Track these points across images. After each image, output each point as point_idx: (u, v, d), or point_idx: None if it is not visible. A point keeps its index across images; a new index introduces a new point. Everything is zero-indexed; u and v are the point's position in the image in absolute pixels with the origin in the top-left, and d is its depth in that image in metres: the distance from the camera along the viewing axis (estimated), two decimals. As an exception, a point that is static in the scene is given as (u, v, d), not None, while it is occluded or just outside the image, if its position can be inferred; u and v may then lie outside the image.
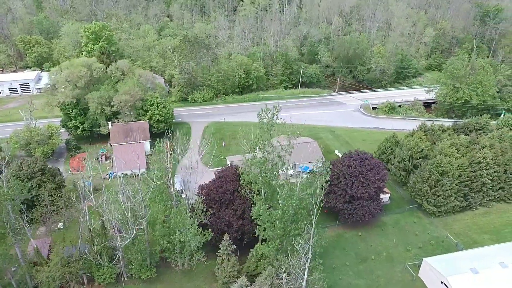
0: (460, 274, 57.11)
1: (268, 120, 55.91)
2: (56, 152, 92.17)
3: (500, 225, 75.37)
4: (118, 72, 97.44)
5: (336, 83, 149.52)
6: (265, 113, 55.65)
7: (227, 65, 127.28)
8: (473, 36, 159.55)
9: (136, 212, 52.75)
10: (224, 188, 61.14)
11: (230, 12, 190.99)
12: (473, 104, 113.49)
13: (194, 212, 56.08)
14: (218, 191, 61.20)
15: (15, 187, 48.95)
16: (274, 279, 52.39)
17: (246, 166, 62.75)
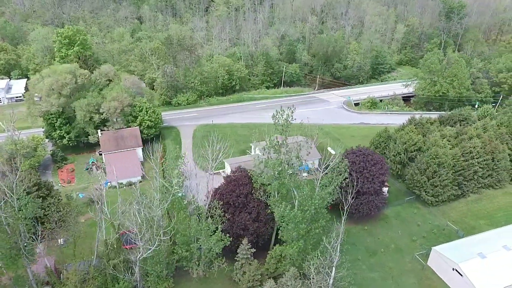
0: (470, 260, 59.72)
1: (283, 121, 55.60)
2: (41, 164, 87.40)
3: (492, 210, 79.53)
4: (103, 78, 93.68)
5: (315, 81, 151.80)
6: (280, 113, 55.33)
7: (209, 66, 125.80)
8: (440, 32, 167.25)
9: (157, 222, 50.94)
10: (237, 191, 60.37)
11: (202, 12, 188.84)
12: (449, 97, 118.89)
13: (213, 218, 55.00)
14: (231, 195, 60.35)
15: (30, 205, 45.86)
16: (297, 279, 52.58)
17: (258, 168, 62.48)
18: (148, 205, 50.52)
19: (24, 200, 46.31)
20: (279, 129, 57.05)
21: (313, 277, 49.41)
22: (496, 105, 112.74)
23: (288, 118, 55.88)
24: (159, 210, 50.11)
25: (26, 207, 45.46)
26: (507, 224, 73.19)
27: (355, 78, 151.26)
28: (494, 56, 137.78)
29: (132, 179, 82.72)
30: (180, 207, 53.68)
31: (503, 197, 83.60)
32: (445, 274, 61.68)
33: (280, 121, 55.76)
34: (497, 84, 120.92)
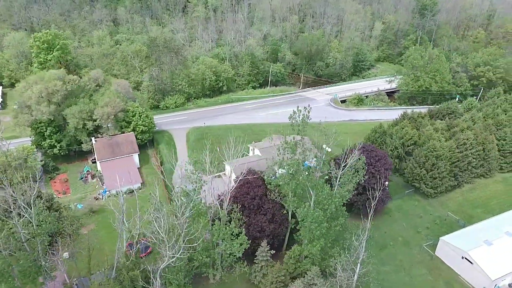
0: (478, 247, 62.20)
1: (299, 122, 55.75)
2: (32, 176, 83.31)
3: (485, 198, 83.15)
4: (93, 83, 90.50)
5: (299, 79, 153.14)
6: (297, 113, 55.49)
7: (196, 68, 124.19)
8: (415, 28, 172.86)
9: (180, 229, 49.73)
10: (252, 194, 60.06)
11: (180, 13, 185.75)
12: (432, 91, 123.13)
13: (232, 222, 54.34)
14: (245, 197, 59.95)
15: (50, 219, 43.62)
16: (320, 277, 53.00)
17: (271, 169, 62.48)
18: (173, 212, 49.25)
19: (42, 215, 43.96)
20: (295, 129, 57.03)
21: (339, 275, 49.87)
22: (478, 97, 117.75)
23: (305, 118, 55.96)
24: (184, 217, 48.96)
25: (46, 221, 43.18)
26: (501, 211, 76.85)
27: (337, 75, 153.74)
28: (470, 50, 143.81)
29: (131, 187, 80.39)
30: (201, 212, 52.70)
31: (494, 185, 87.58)
32: (454, 263, 63.88)
33: (297, 121, 55.60)
34: (475, 77, 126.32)
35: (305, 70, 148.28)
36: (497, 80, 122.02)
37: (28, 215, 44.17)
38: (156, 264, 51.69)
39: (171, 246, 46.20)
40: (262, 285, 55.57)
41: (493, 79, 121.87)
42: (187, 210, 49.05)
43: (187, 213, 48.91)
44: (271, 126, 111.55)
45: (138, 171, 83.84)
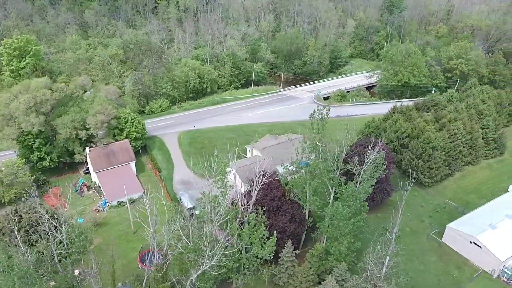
0: (484, 231, 65.51)
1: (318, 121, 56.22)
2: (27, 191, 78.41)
3: (477, 184, 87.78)
4: (80, 90, 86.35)
5: (278, 78, 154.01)
6: (317, 112, 55.92)
7: (180, 70, 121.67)
8: (385, 25, 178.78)
9: (214, 236, 48.59)
10: (271, 195, 59.83)
11: (151, 15, 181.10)
12: (411, 85, 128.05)
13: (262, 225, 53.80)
14: (265, 199, 59.59)
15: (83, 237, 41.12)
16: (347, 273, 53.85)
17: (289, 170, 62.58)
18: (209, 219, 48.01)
19: (74, 233, 41.44)
20: (315, 128, 57.46)
21: (371, 269, 50.83)
22: (455, 89, 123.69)
23: (324, 118, 56.49)
24: (218, 223, 47.89)
25: (78, 240, 40.74)
26: (493, 195, 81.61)
27: (315, 73, 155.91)
28: (440, 44, 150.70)
29: (133, 196, 77.64)
30: (231, 217, 51.76)
31: (481, 171, 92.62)
32: (462, 248, 66.89)
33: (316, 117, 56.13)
34: (448, 70, 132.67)
35: (286, 69, 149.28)
36: (469, 72, 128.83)
37: (59, 235, 41.44)
38: (185, 274, 50.34)
39: (207, 254, 45.05)
40: (290, 285, 55.47)
41: (465, 71, 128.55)
42: (220, 216, 47.96)
43: (220, 219, 47.85)
44: (262, 126, 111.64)
45: (137, 180, 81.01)
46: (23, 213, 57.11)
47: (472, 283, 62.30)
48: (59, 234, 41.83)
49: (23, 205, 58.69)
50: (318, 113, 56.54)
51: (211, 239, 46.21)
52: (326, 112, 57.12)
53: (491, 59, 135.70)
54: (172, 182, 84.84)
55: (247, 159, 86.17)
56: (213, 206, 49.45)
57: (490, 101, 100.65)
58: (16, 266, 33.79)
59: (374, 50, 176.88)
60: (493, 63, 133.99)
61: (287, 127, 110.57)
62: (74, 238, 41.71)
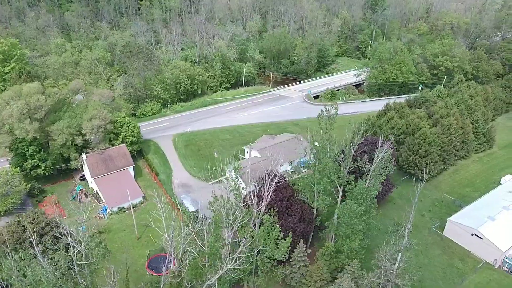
0: (484, 223, 67.40)
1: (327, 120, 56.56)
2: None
3: (470, 178, 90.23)
4: (73, 95, 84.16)
5: (268, 78, 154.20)
6: (326, 111, 56.26)
7: (170, 72, 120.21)
8: (369, 23, 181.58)
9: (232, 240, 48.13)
10: (280, 195, 59.76)
11: (134, 16, 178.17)
12: (399, 82, 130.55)
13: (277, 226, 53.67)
14: (275, 200, 59.47)
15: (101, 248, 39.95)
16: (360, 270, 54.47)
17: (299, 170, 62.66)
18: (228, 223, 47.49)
19: (92, 243, 40.29)
20: (323, 127, 57.80)
21: (384, 264, 51.55)
22: (442, 85, 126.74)
23: (332, 117, 56.89)
24: (236, 227, 47.46)
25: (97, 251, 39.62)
26: (487, 188, 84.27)
27: (303, 72, 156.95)
28: (424, 42, 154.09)
29: (133, 201, 76.17)
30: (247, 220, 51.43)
31: (473, 165, 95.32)
32: (464, 240, 68.59)
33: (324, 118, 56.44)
34: (434, 67, 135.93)
35: (275, 69, 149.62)
36: (454, 69, 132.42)
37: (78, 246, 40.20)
38: (201, 278, 49.76)
39: (228, 257, 44.66)
40: (304, 285, 55.59)
41: (450, 67, 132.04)
42: (238, 219, 47.55)
43: (238, 222, 47.46)
44: (257, 127, 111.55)
45: (137, 184, 79.56)
46: (27, 223, 55.18)
47: (476, 274, 64.01)
48: (79, 244, 40.56)
49: (26, 215, 56.68)
50: (326, 112, 56.58)
51: (232, 242, 45.76)
52: (335, 111, 57.33)
53: (474, 56, 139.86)
54: (172, 185, 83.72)
55: (245, 160, 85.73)
56: (229, 209, 48.97)
57: (478, 97, 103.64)
58: (45, 280, 32.57)
59: (359, 48, 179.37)
60: (476, 60, 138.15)
61: (281, 127, 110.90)
62: (94, 248, 40.56)
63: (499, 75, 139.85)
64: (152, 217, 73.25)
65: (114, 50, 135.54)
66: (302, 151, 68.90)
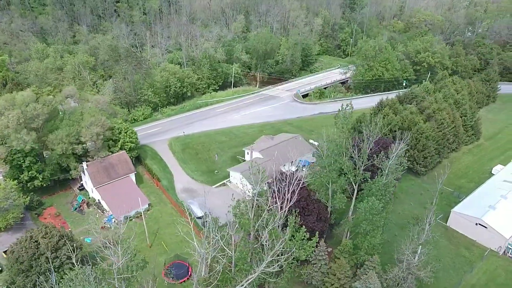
0: (487, 213, 70.32)
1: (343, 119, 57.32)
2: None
3: (463, 169, 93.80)
4: (68, 102, 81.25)
5: (254, 79, 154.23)
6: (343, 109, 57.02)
7: (160, 75, 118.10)
8: (349, 22, 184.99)
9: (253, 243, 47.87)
10: (298, 196, 60.02)
11: (113, 18, 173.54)
12: (384, 79, 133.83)
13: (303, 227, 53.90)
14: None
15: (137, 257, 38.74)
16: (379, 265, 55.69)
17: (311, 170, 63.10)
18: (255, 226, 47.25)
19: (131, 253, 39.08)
20: (339, 125, 58.54)
21: (407, 258, 52.92)
22: (426, 80, 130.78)
23: (346, 116, 57.70)
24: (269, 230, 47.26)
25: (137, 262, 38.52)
26: (481, 178, 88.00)
27: (288, 72, 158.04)
28: (405, 40, 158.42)
29: (139, 210, 74.47)
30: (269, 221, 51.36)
31: (464, 157, 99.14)
32: (468, 230, 71.28)
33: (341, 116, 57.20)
34: (417, 63, 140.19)
35: (262, 69, 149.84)
36: (436, 64, 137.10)
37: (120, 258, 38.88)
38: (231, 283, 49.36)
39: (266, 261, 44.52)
40: (327, 283, 56.12)
41: (432, 63, 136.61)
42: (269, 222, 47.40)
43: (270, 226, 47.31)
44: (252, 127, 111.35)
45: (141, 192, 77.72)
46: (40, 238, 52.91)
47: (483, 262, 66.72)
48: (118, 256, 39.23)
49: (38, 230, 54.30)
50: (342, 112, 57.37)
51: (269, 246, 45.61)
52: (350, 110, 58.18)
53: (453, 51, 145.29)
54: (175, 191, 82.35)
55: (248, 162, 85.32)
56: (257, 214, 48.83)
57: (464, 91, 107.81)
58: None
59: (340, 46, 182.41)
60: (455, 55, 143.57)
61: (276, 127, 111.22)
62: (133, 259, 39.35)
63: (476, 70, 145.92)
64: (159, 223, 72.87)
65: (97, 54, 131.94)
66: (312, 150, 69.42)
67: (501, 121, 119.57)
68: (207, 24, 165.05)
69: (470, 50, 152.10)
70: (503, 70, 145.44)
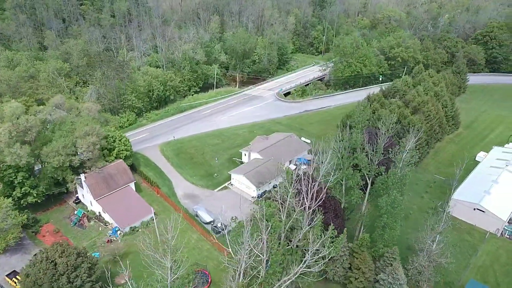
0: (483, 198, 74.39)
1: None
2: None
3: (449, 157, 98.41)
4: (57, 112, 76.94)
5: (233, 79, 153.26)
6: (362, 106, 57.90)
7: (143, 79, 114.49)
8: (320, 19, 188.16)
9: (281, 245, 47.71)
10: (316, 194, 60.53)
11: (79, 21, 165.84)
12: (363, 74, 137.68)
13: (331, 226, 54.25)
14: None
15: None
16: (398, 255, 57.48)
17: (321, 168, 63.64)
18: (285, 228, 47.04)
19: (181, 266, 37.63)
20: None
21: (427, 247, 54.91)
22: (403, 74, 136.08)
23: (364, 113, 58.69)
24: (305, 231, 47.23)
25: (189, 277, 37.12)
26: (468, 166, 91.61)
27: (266, 71, 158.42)
28: (377, 36, 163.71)
29: (144, 219, 72.13)
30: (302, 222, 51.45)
31: (448, 146, 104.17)
32: (466, 215, 75.01)
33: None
34: (391, 58, 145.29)
35: (241, 69, 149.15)
36: (409, 59, 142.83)
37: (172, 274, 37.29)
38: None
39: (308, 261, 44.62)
40: (351, 278, 57.08)
41: (405, 58, 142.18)
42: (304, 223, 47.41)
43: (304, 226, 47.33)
44: (241, 128, 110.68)
45: (144, 201, 75.16)
46: (58, 258, 49.85)
47: (484, 245, 70.53)
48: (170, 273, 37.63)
49: (53, 249, 51.11)
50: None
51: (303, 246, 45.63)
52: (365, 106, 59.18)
53: (423, 46, 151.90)
54: (178, 198, 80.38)
55: (249, 164, 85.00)
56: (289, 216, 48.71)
57: (442, 83, 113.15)
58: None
59: (313, 44, 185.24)
60: (425, 49, 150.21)
61: (265, 126, 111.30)
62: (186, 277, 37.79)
63: (444, 63, 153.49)
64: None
65: (70, 60, 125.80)
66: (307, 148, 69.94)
67: (474, 110, 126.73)
68: (181, 26, 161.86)
69: (437, 44, 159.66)
70: (468, 62, 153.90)
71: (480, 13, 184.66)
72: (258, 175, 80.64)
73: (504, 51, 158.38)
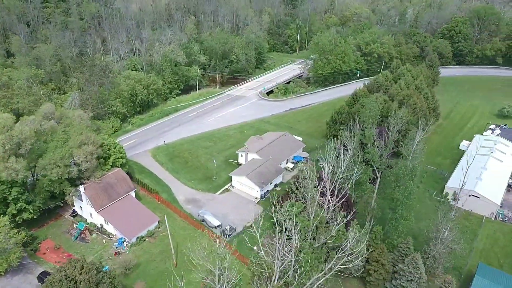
0: (477, 184, 78.24)
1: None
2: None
3: (436, 148, 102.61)
4: (49, 122, 72.80)
5: (213, 80, 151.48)
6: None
7: (126, 83, 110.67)
8: (292, 18, 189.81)
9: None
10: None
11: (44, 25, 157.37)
12: (342, 71, 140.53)
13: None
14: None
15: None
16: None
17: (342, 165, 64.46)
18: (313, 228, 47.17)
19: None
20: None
21: (442, 236, 57.08)
22: (381, 70, 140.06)
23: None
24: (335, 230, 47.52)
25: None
26: (453, 155, 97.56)
27: (245, 71, 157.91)
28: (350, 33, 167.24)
29: (150, 228, 69.97)
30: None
31: (433, 137, 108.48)
32: (461, 202, 78.42)
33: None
34: (367, 54, 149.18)
35: (220, 69, 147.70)
36: (384, 54, 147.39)
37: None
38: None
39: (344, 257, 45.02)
40: (371, 271, 58.18)
41: (381, 53, 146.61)
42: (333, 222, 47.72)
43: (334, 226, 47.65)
44: (231, 129, 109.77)
45: (147, 209, 72.80)
46: (78, 275, 47.31)
47: (482, 229, 74.22)
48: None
49: (71, 266, 48.41)
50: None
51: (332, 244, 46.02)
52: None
53: (396, 41, 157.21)
54: (180, 203, 78.51)
55: (249, 165, 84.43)
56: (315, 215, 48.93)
57: (421, 77, 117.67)
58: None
59: (288, 42, 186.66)
60: (398, 44, 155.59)
61: (255, 126, 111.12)
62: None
63: (415, 57, 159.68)
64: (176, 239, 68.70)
65: (43, 66, 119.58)
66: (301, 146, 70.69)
67: (448, 101, 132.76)
68: (155, 28, 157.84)
69: (408, 39, 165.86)
70: (437, 55, 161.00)
71: (443, 9, 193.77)
72: (259, 176, 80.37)
73: (469, 45, 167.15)
